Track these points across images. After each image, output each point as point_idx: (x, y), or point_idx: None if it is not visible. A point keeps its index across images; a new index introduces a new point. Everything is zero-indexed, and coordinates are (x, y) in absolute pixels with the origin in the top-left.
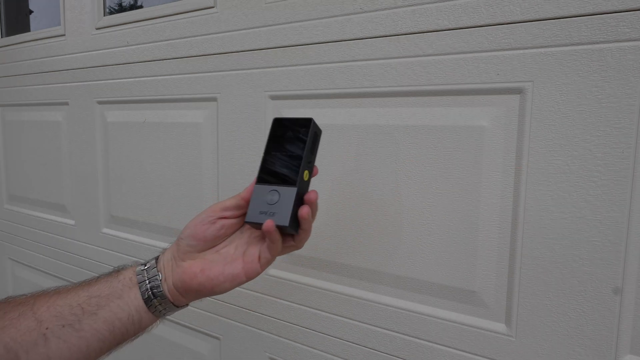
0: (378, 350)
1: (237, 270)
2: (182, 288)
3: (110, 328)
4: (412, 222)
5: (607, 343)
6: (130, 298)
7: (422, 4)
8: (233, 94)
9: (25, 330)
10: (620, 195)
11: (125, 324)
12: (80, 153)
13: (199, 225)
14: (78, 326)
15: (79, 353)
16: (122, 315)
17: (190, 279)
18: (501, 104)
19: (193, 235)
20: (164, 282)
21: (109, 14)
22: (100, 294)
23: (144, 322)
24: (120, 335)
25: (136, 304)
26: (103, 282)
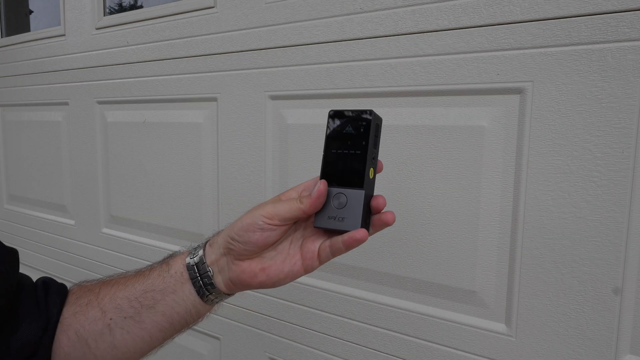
0: (378, 350)
1: (296, 266)
2: (241, 284)
3: (169, 320)
4: (412, 222)
5: (607, 343)
6: (185, 293)
7: (422, 4)
8: (233, 94)
9: (93, 319)
10: (620, 195)
11: (183, 316)
12: (80, 153)
13: (259, 232)
14: (138, 318)
15: (143, 342)
16: (180, 309)
17: (250, 278)
18: (501, 104)
19: (253, 242)
20: (216, 276)
21: (109, 14)
22: (154, 289)
23: (201, 312)
24: (180, 326)
25: (192, 299)
26: (156, 276)
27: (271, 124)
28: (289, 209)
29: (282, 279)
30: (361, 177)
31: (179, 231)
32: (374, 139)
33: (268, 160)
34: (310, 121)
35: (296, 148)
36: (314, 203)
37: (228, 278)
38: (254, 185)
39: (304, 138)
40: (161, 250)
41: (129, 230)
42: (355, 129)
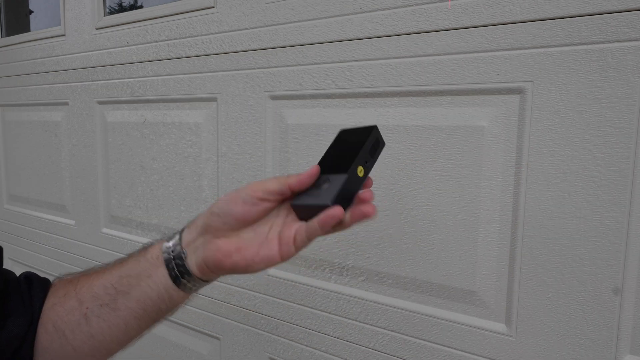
0: (378, 350)
1: (273, 252)
2: (214, 265)
3: (143, 306)
4: (412, 222)
5: (607, 343)
6: (159, 277)
7: (422, 4)
8: (233, 94)
9: (70, 310)
10: (620, 195)
11: (156, 302)
12: (80, 153)
13: (241, 205)
14: (114, 305)
15: (119, 331)
16: (153, 294)
17: (224, 257)
18: (501, 104)
19: (233, 215)
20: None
21: (109, 14)
22: (130, 274)
23: (174, 299)
24: (153, 313)
25: (165, 283)
26: (133, 261)
27: (271, 124)
28: (276, 182)
29: (257, 263)
30: (348, 165)
31: None
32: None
33: (268, 160)
34: (310, 121)
35: (296, 148)
36: (301, 180)
37: (202, 258)
38: None
39: (304, 138)
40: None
41: (129, 230)
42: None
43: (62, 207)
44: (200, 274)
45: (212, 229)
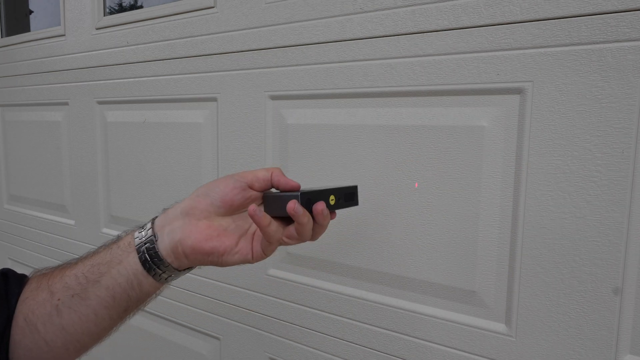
0: (378, 350)
1: (247, 249)
2: (191, 247)
3: (112, 294)
4: (412, 222)
5: (607, 343)
6: (129, 263)
7: (422, 4)
8: (233, 94)
9: (42, 302)
10: (620, 195)
11: (125, 289)
12: (80, 153)
13: (231, 188)
14: (84, 295)
15: (89, 321)
16: (122, 280)
17: (205, 239)
18: (501, 104)
19: (222, 197)
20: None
21: (109, 14)
22: (101, 262)
23: (144, 286)
24: (123, 301)
25: (134, 268)
26: (106, 250)
27: (271, 124)
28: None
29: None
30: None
31: None
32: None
33: (268, 160)
34: (310, 121)
35: (296, 148)
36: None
37: (178, 240)
38: None
39: (304, 138)
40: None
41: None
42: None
43: (62, 207)
44: (174, 257)
45: (195, 211)
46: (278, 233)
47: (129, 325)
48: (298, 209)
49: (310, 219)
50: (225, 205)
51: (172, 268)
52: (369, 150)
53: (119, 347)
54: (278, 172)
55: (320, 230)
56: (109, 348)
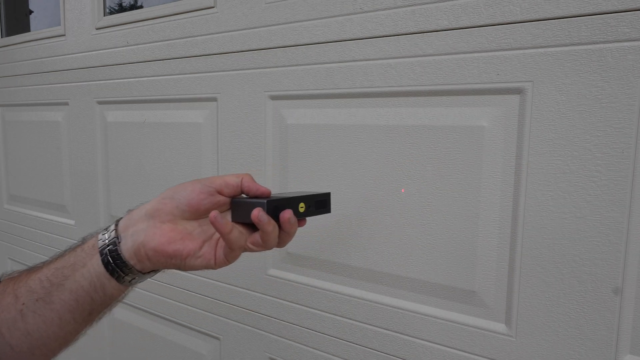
0: (378, 350)
1: (210, 254)
2: (154, 249)
3: (75, 297)
4: (412, 222)
5: (607, 343)
6: (93, 265)
7: (422, 4)
8: (233, 94)
9: (6, 307)
10: (620, 195)
11: (88, 292)
12: (80, 153)
13: (197, 193)
14: (48, 299)
15: (54, 325)
16: (85, 283)
17: (168, 242)
18: (501, 104)
19: (189, 201)
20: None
21: (109, 14)
22: (65, 265)
23: (107, 289)
24: (86, 305)
25: (98, 271)
26: (71, 253)
27: (271, 124)
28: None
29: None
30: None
31: None
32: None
33: (268, 160)
34: (310, 121)
35: (296, 148)
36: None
37: (141, 242)
38: None
39: (304, 138)
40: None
41: None
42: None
43: (62, 207)
44: (136, 260)
45: (160, 214)
46: (240, 240)
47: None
48: (262, 217)
49: (275, 227)
50: (191, 209)
51: (136, 270)
52: (369, 150)
53: (119, 347)
54: (248, 179)
55: (287, 238)
56: (109, 348)
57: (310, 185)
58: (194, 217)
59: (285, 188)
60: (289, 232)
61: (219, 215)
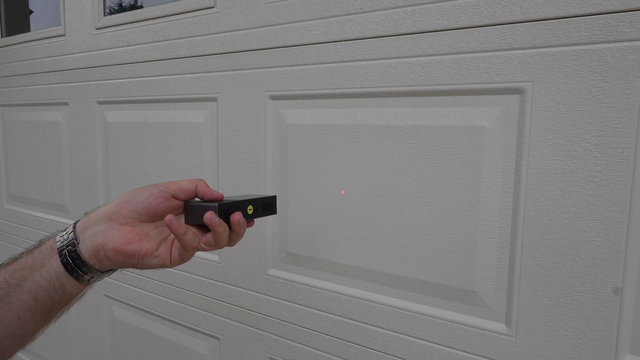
0: (378, 350)
1: (166, 254)
2: (114, 250)
3: (34, 297)
4: (411, 222)
5: (607, 343)
6: (52, 266)
7: (422, 4)
8: (233, 94)
9: None
10: (620, 195)
11: (48, 291)
12: (80, 153)
13: (154, 197)
14: (6, 299)
15: (12, 324)
16: (44, 282)
17: (127, 243)
18: (501, 104)
19: (146, 206)
20: (83, 243)
21: (109, 14)
22: (23, 266)
23: (67, 288)
24: (46, 304)
25: (57, 271)
26: (28, 255)
27: (271, 124)
28: (188, 182)
29: (154, 257)
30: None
31: None
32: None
33: (268, 160)
34: (310, 121)
35: (296, 148)
36: (206, 190)
37: (100, 243)
38: (254, 185)
39: (304, 138)
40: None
41: None
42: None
43: (62, 207)
44: (95, 260)
45: (118, 217)
46: (194, 242)
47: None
48: (214, 220)
49: (226, 228)
50: (149, 213)
51: (94, 270)
52: (369, 150)
53: (119, 347)
54: (202, 184)
55: (237, 238)
56: (109, 348)
57: (311, 186)
58: (151, 219)
59: (285, 188)
60: (238, 233)
61: (174, 219)
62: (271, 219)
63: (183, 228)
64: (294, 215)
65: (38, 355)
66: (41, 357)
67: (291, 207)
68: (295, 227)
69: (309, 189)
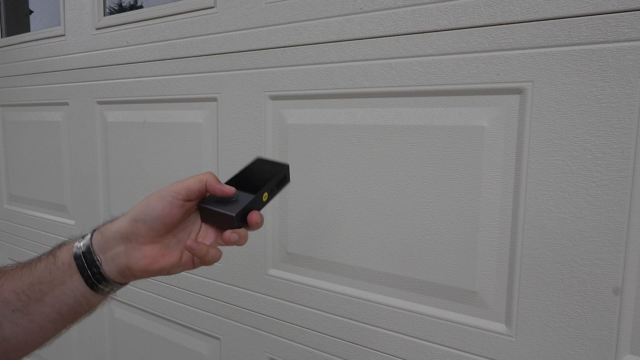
0: (378, 350)
1: (189, 261)
2: (140, 271)
3: (58, 311)
4: (412, 222)
5: (607, 343)
6: (74, 284)
7: (422, 4)
8: (233, 94)
9: None
10: (620, 195)
11: (73, 307)
12: (80, 153)
13: (168, 210)
14: (27, 311)
15: (34, 335)
16: (69, 300)
17: (152, 263)
18: (501, 104)
19: (161, 219)
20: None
21: (109, 14)
22: (42, 281)
23: (92, 302)
24: (70, 317)
25: (82, 290)
26: (43, 268)
27: (271, 124)
28: (196, 181)
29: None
30: (257, 188)
31: None
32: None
33: None
34: (310, 121)
35: (296, 148)
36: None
37: (125, 265)
38: None
39: (304, 138)
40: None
41: None
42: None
43: (62, 207)
44: (122, 278)
45: (137, 237)
46: (216, 257)
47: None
48: (234, 237)
49: (245, 234)
50: (166, 227)
51: (121, 285)
52: (369, 150)
53: (119, 347)
54: (211, 180)
55: None
56: (109, 348)
57: (310, 186)
58: (169, 231)
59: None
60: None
61: (194, 244)
62: (271, 219)
63: (204, 249)
64: (294, 215)
65: (38, 355)
66: (41, 357)
67: (291, 207)
68: (295, 227)
69: (309, 189)
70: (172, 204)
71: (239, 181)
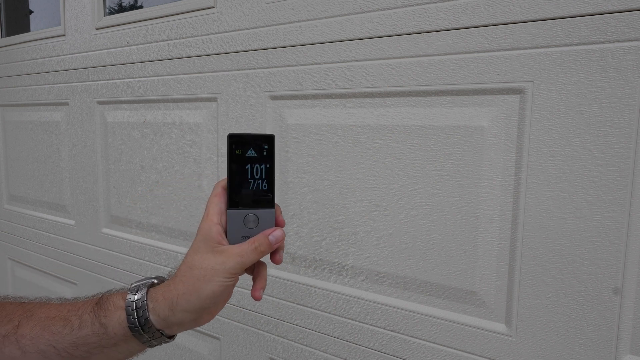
0: (378, 350)
1: None
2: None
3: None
4: (411, 222)
5: (607, 343)
6: (130, 346)
7: (422, 4)
8: (233, 94)
9: (10, 358)
10: (620, 195)
11: (123, 356)
12: (80, 153)
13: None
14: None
15: None
16: (121, 356)
17: (206, 321)
18: (501, 104)
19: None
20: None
21: (109, 14)
22: (88, 342)
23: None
24: None
25: (137, 349)
26: (89, 333)
27: (271, 124)
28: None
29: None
30: (271, 199)
31: (179, 231)
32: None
33: None
34: (310, 121)
35: (296, 148)
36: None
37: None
38: None
39: (304, 138)
40: (161, 251)
41: (129, 230)
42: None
43: (62, 207)
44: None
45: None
46: None
47: None
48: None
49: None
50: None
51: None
52: (369, 150)
53: None
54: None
55: None
56: None
57: (311, 186)
58: None
59: (285, 188)
60: None
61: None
62: None
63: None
64: (294, 215)
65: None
66: None
67: (291, 207)
68: (295, 227)
69: (309, 189)
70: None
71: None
